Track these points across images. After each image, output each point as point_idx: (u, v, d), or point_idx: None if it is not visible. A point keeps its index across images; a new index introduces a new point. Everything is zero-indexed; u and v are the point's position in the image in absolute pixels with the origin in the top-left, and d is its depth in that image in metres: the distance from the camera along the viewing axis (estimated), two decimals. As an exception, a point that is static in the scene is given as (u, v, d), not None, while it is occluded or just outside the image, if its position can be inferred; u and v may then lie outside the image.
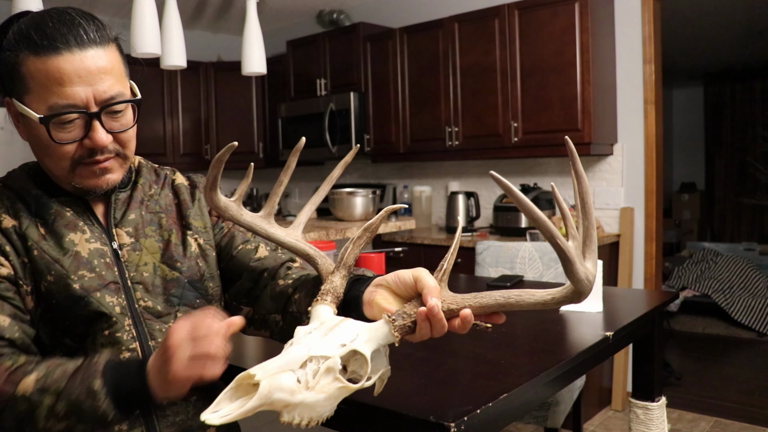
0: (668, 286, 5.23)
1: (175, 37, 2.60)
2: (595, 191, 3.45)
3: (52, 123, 0.91)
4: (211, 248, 1.12)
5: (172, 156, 4.56)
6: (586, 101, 3.11)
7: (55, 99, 0.90)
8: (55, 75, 0.89)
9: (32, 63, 0.90)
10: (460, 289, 2.18)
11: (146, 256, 1.03)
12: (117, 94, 0.94)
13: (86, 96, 0.91)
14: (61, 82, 0.89)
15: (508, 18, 3.35)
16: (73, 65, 0.89)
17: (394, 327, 0.79)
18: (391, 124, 3.92)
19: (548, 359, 1.26)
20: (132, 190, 1.08)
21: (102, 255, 0.99)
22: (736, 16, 4.94)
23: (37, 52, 0.89)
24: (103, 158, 0.96)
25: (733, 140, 7.54)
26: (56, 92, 0.90)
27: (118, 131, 0.96)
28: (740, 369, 3.89)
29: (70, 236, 0.98)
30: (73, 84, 0.90)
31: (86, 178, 0.97)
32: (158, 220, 1.08)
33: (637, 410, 1.77)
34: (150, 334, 1.00)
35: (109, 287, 0.97)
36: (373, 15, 4.42)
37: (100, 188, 0.98)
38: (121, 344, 0.96)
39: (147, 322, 1.00)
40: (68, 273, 0.95)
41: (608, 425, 3.05)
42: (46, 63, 0.89)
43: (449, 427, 0.94)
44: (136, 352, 0.98)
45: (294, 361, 0.75)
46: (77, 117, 0.92)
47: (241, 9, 4.39)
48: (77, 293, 0.94)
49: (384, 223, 2.97)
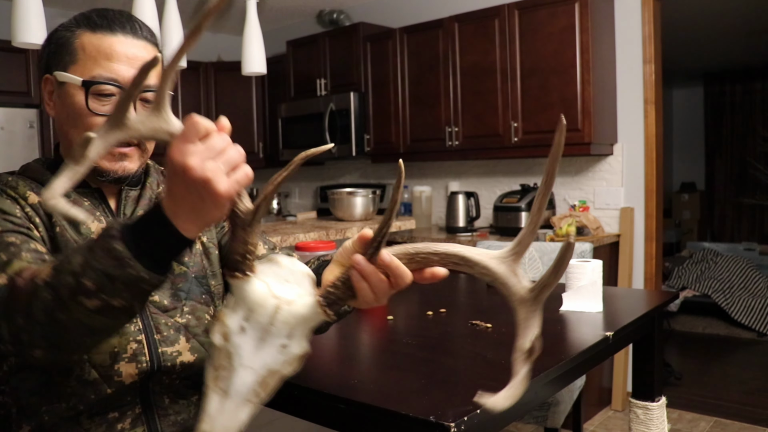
0: (668, 286, 5.23)
1: (175, 37, 2.60)
2: (595, 191, 3.45)
3: (91, 91, 0.96)
4: (214, 246, 1.13)
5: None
6: (586, 101, 3.11)
7: (100, 71, 0.96)
8: (106, 50, 0.96)
9: (87, 37, 0.97)
10: (460, 289, 2.18)
11: None
12: (154, 84, 0.99)
13: (129, 76, 0.96)
14: (109, 57, 0.96)
15: (508, 18, 3.35)
16: (124, 47, 0.97)
17: (325, 310, 0.71)
18: (391, 124, 3.92)
19: (548, 359, 1.26)
20: (141, 189, 1.10)
21: None
22: (736, 16, 4.94)
23: (94, 29, 0.97)
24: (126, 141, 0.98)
25: (733, 140, 7.54)
26: (103, 65, 0.96)
27: None
28: (740, 369, 3.89)
29: (87, 224, 1.00)
30: (120, 62, 0.97)
31: (105, 159, 0.99)
32: None
33: (637, 410, 1.77)
34: (156, 328, 1.00)
35: None
36: (373, 15, 4.42)
37: (115, 173, 1.00)
38: (128, 335, 0.97)
39: (153, 315, 1.01)
40: None
41: (608, 425, 3.05)
42: (101, 39, 0.97)
43: (449, 427, 0.94)
44: (142, 344, 0.98)
45: (243, 392, 0.70)
46: (115, 93, 0.96)
47: (241, 9, 4.38)
48: None
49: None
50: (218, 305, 1.12)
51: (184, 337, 1.03)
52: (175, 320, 1.03)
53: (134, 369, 0.96)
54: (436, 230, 3.93)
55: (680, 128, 8.02)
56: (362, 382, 1.18)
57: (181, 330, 1.03)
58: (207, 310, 1.09)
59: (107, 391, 0.95)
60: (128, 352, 0.96)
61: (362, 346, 1.52)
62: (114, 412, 0.96)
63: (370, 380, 1.21)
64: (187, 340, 1.03)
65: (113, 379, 0.95)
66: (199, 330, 1.06)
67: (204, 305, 1.08)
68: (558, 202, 3.59)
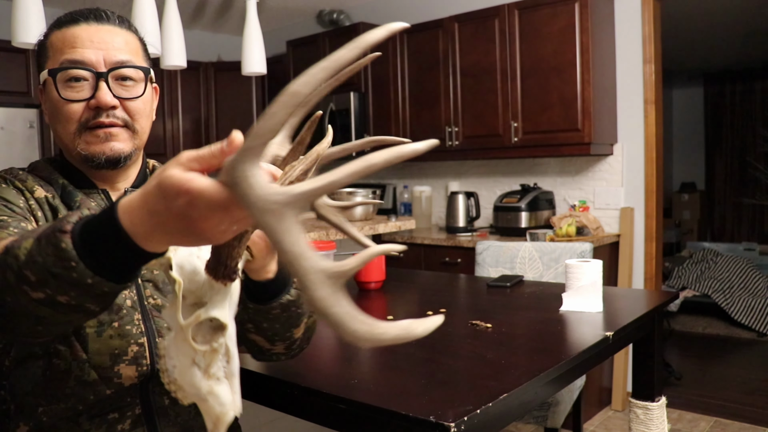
0: (668, 286, 5.23)
1: (175, 37, 2.60)
2: (595, 191, 3.45)
3: (60, 80, 0.96)
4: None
5: (173, 156, 4.56)
6: (586, 101, 3.11)
7: (65, 57, 0.97)
8: (69, 39, 0.97)
9: (54, 35, 0.99)
10: (460, 289, 2.18)
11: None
12: (127, 60, 0.99)
13: (96, 58, 0.97)
14: (73, 44, 0.97)
15: (508, 18, 3.35)
16: (87, 32, 0.98)
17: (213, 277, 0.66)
18: (391, 124, 3.92)
19: (548, 359, 1.26)
20: None
21: None
22: (736, 16, 4.94)
23: (60, 26, 0.99)
24: (108, 121, 0.98)
25: (733, 140, 7.54)
26: (68, 52, 0.97)
27: (126, 98, 0.99)
28: (740, 369, 3.89)
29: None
30: (84, 46, 0.97)
31: (91, 143, 0.98)
32: None
33: (637, 410, 1.77)
34: (158, 331, 1.00)
35: None
36: (373, 15, 4.42)
37: (103, 154, 0.98)
38: (130, 337, 0.96)
39: (155, 318, 1.00)
40: None
41: (608, 425, 3.05)
42: (65, 32, 0.98)
43: (449, 427, 0.94)
44: (144, 347, 0.97)
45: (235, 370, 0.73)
46: (86, 77, 0.97)
47: (241, 9, 4.39)
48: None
49: (384, 223, 2.98)
50: None
51: None
52: None
53: (134, 371, 0.96)
54: (436, 230, 3.93)
55: (680, 128, 8.02)
56: (362, 382, 1.18)
57: None
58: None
59: (106, 392, 0.94)
60: (129, 355, 0.96)
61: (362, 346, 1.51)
62: (114, 413, 0.96)
63: (370, 380, 1.21)
64: None
65: (113, 381, 0.95)
66: None
67: None
68: (558, 202, 3.59)
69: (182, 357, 0.66)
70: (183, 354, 0.66)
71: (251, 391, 1.32)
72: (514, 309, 1.77)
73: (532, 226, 3.37)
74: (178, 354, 0.66)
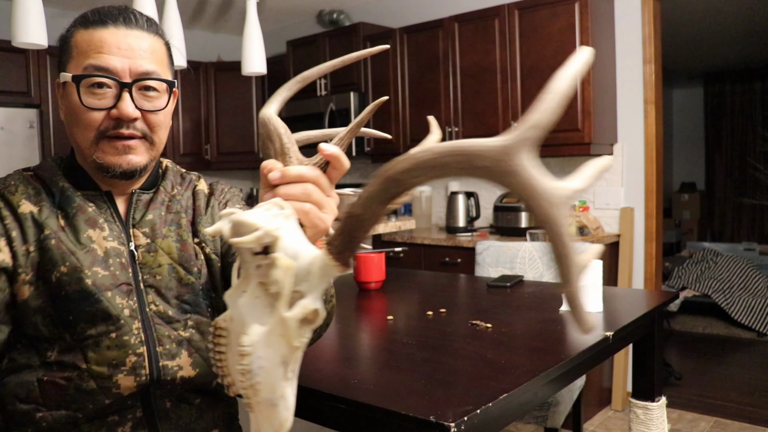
0: (668, 286, 5.23)
1: (175, 37, 2.60)
2: (595, 191, 3.45)
3: (83, 85, 0.93)
4: (218, 258, 1.08)
5: (172, 156, 4.56)
6: (586, 101, 3.11)
7: (90, 62, 0.93)
8: (96, 43, 0.94)
9: (80, 34, 0.95)
10: (460, 289, 2.18)
11: (161, 257, 1.01)
12: (153, 71, 0.96)
13: (122, 67, 0.94)
14: (100, 49, 0.93)
15: (508, 18, 3.35)
16: (116, 38, 0.94)
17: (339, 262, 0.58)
18: (391, 124, 3.92)
19: (548, 359, 1.26)
20: (155, 192, 1.07)
21: (118, 254, 0.98)
22: (736, 16, 4.94)
23: (87, 25, 0.95)
24: (128, 133, 0.95)
25: (733, 140, 7.54)
26: (93, 57, 0.93)
27: (148, 110, 0.97)
28: (740, 369, 3.89)
29: (89, 232, 0.97)
30: (111, 53, 0.94)
31: (108, 153, 0.96)
32: (178, 219, 1.06)
33: (637, 410, 1.77)
34: (158, 340, 0.97)
35: (121, 288, 0.96)
36: (373, 15, 4.42)
37: (120, 167, 0.96)
38: (127, 347, 0.94)
39: (157, 326, 0.98)
40: (83, 267, 0.93)
41: (608, 425, 3.05)
42: (92, 33, 0.94)
43: (449, 427, 0.94)
44: (143, 357, 0.95)
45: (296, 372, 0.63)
46: (109, 85, 0.94)
47: (241, 9, 4.39)
48: (89, 288, 0.93)
49: (384, 223, 2.98)
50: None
51: (186, 352, 1.00)
52: (178, 333, 0.99)
53: (132, 382, 0.94)
54: (436, 230, 3.93)
55: (680, 128, 8.02)
56: (362, 382, 1.18)
57: (183, 344, 1.00)
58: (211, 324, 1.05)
59: (105, 401, 0.93)
60: (127, 365, 0.94)
61: (362, 346, 1.52)
62: (114, 415, 0.94)
63: (370, 380, 1.21)
64: (189, 354, 1.00)
65: (111, 391, 0.93)
66: (203, 345, 1.02)
67: (210, 318, 1.04)
68: (558, 202, 3.59)
69: (273, 355, 0.57)
70: (276, 352, 0.57)
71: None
72: (514, 309, 1.77)
73: (532, 226, 3.37)
74: (268, 352, 0.57)
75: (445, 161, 0.50)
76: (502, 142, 0.48)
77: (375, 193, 0.55)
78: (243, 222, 0.57)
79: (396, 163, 0.53)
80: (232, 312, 0.61)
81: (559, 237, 0.49)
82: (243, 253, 0.58)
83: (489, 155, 0.48)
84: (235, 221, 0.57)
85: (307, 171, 0.66)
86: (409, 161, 0.52)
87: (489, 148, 0.48)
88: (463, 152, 0.49)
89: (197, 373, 1.00)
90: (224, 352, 0.60)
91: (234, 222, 0.58)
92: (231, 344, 0.60)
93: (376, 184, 0.55)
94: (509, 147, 0.48)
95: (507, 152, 0.48)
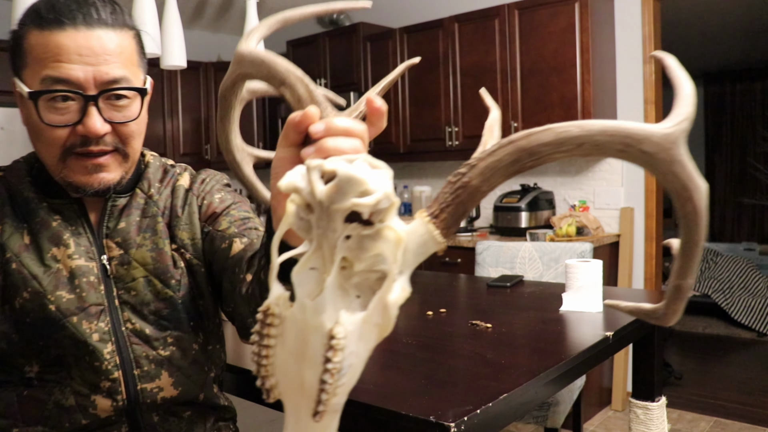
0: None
1: (175, 37, 2.60)
2: (595, 191, 3.45)
3: (42, 100, 0.81)
4: (200, 263, 0.98)
5: (172, 156, 4.56)
6: (586, 101, 3.11)
7: (48, 73, 0.81)
8: (53, 50, 0.80)
9: (34, 37, 0.82)
10: (460, 289, 2.18)
11: (136, 270, 0.93)
12: (121, 78, 0.84)
13: (85, 77, 0.81)
14: (58, 57, 0.80)
15: (508, 18, 3.35)
16: (75, 42, 0.81)
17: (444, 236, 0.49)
18: (391, 124, 3.92)
19: (548, 359, 1.26)
20: (131, 196, 0.97)
21: (86, 273, 0.90)
22: (736, 16, 4.94)
23: (41, 25, 0.82)
24: (97, 150, 0.84)
25: (733, 140, 7.54)
26: (51, 67, 0.80)
27: (118, 122, 0.85)
28: (740, 369, 3.89)
29: (53, 251, 0.89)
30: (71, 61, 0.81)
31: (76, 172, 0.85)
32: (154, 224, 0.96)
33: (637, 410, 1.77)
34: (135, 361, 0.91)
35: (88, 311, 0.89)
36: (373, 15, 4.42)
37: (91, 187, 0.86)
38: (100, 374, 0.88)
39: (133, 346, 0.91)
40: (45, 292, 0.87)
41: (608, 425, 3.05)
42: (48, 37, 0.81)
43: (449, 427, 0.94)
44: (118, 382, 0.89)
45: None
46: (72, 98, 0.82)
47: (241, 9, 4.39)
48: (52, 315, 0.86)
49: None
50: (209, 327, 1.01)
51: (166, 372, 0.93)
52: (157, 353, 0.92)
53: (109, 405, 0.89)
54: (436, 230, 3.93)
55: None
56: (362, 382, 1.17)
57: (163, 364, 0.93)
58: (195, 339, 0.98)
59: (82, 422, 0.88)
60: (103, 389, 0.89)
61: (362, 346, 1.51)
62: (99, 431, 0.90)
63: (370, 380, 1.21)
64: (170, 374, 0.93)
65: (88, 411, 0.88)
66: (185, 363, 0.95)
67: (192, 334, 0.97)
68: (558, 202, 3.59)
69: (363, 350, 0.47)
70: (365, 346, 0.47)
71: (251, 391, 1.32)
72: (514, 309, 1.77)
73: (532, 226, 3.37)
74: (359, 346, 0.46)
75: (597, 140, 0.46)
76: (665, 130, 0.47)
77: (501, 163, 0.48)
78: (353, 178, 0.42)
79: (531, 134, 0.48)
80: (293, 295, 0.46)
81: (700, 229, 0.50)
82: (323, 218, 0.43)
83: (655, 141, 0.46)
84: (342, 176, 0.42)
85: (354, 125, 0.54)
86: (551, 134, 0.47)
87: (653, 133, 0.46)
88: (627, 135, 0.46)
89: (180, 392, 0.95)
90: (273, 345, 0.47)
91: (340, 176, 0.42)
92: (285, 336, 0.46)
93: (504, 153, 0.48)
94: (674, 135, 0.47)
95: (673, 141, 0.46)
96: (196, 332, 0.98)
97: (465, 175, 0.48)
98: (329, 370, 0.44)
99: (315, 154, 0.50)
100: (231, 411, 1.09)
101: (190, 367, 0.96)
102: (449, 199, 0.48)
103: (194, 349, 0.97)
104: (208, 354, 1.02)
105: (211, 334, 1.03)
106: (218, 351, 1.06)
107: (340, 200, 0.42)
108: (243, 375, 1.30)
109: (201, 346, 0.99)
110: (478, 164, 0.49)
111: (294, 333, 0.45)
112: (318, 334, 0.45)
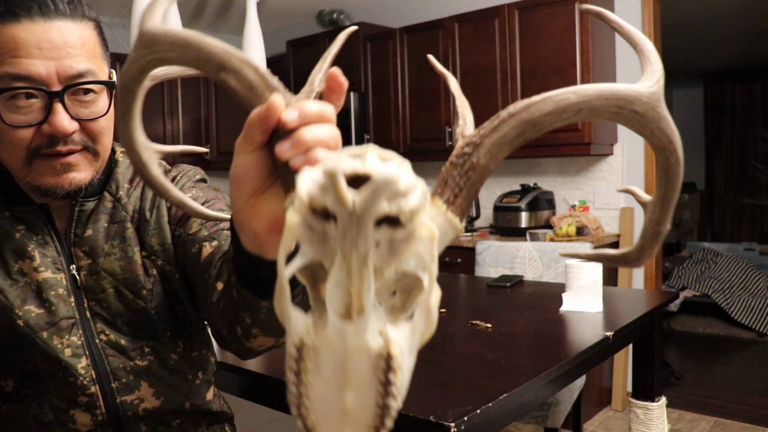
0: (668, 286, 5.23)
1: (175, 37, 2.60)
2: (595, 191, 3.45)
3: (2, 100, 0.75)
4: (173, 269, 0.93)
5: (172, 156, 4.56)
6: (586, 101, 3.10)
7: (6, 69, 0.74)
8: (9, 44, 0.74)
9: None
10: (460, 289, 2.18)
11: (105, 281, 0.88)
12: (86, 71, 0.78)
13: (47, 72, 0.75)
14: (15, 52, 0.74)
15: (508, 18, 3.35)
16: (33, 35, 0.74)
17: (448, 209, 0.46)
18: (391, 124, 3.92)
19: (548, 359, 1.26)
20: (99, 200, 0.90)
21: (54, 285, 0.85)
22: (736, 16, 4.94)
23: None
24: (66, 150, 0.78)
25: (733, 140, 7.54)
26: (9, 63, 0.74)
27: (86, 119, 0.80)
28: (740, 369, 3.89)
29: (19, 264, 0.84)
30: (31, 56, 0.74)
31: (44, 174, 0.79)
32: (123, 230, 0.90)
33: (637, 410, 1.77)
34: (112, 373, 0.87)
35: (59, 326, 0.85)
36: (373, 15, 4.42)
37: (62, 188, 0.80)
38: (76, 389, 0.84)
39: (109, 359, 0.87)
40: (13, 307, 0.83)
41: (608, 425, 3.05)
42: (2, 31, 0.74)
43: (449, 427, 0.94)
44: (96, 396, 0.85)
45: None
46: (35, 95, 0.76)
47: (241, 9, 4.39)
48: (22, 331, 0.83)
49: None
50: (191, 333, 0.96)
51: (146, 382, 0.89)
52: (135, 363, 0.88)
53: (89, 420, 0.85)
54: (436, 230, 3.93)
55: (680, 128, 7.74)
56: (362, 382, 1.18)
57: (142, 374, 0.89)
58: (173, 349, 0.93)
59: None
60: (81, 404, 0.85)
61: (362, 346, 1.51)
62: None
63: (370, 380, 1.21)
64: (150, 384, 0.89)
65: (68, 426, 0.85)
66: (165, 372, 0.91)
67: (169, 344, 0.92)
68: (558, 202, 3.59)
69: (411, 364, 0.42)
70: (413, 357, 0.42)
71: (251, 391, 1.32)
72: (514, 309, 1.77)
73: (532, 226, 3.37)
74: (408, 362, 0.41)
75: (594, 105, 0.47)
76: (650, 89, 0.48)
77: (506, 138, 0.47)
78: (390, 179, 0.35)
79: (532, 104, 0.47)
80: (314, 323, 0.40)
81: (680, 178, 0.51)
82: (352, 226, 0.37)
83: (644, 101, 0.47)
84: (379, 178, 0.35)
85: (325, 107, 0.48)
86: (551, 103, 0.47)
87: (641, 93, 0.47)
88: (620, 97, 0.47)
89: (163, 402, 0.91)
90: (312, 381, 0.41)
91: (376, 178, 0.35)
92: (320, 366, 0.41)
93: (509, 128, 0.47)
94: (658, 93, 0.48)
95: (657, 98, 0.48)
96: (175, 341, 0.93)
97: (472, 155, 0.47)
98: (391, 393, 0.39)
99: (292, 149, 0.44)
100: (226, 414, 1.05)
101: (171, 377, 0.92)
102: (461, 183, 0.47)
103: (173, 359, 0.93)
104: (191, 361, 0.97)
105: (195, 339, 0.98)
106: (205, 356, 1.01)
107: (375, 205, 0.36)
108: (243, 375, 1.30)
109: (181, 354, 0.95)
110: (483, 142, 0.48)
111: (332, 361, 0.41)
112: (362, 356, 0.40)
